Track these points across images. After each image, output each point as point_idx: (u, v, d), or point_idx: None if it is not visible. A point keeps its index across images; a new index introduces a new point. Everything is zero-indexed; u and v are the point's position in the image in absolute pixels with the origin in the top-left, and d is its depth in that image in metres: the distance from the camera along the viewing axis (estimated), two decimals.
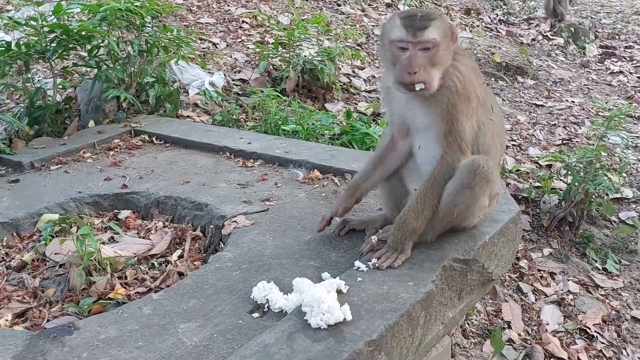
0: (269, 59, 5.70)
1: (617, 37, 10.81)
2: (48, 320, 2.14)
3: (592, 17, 12.04)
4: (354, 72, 6.46)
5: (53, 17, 3.91)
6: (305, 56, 5.67)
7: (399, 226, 2.24)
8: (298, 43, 5.71)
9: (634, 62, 9.28)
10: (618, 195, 4.70)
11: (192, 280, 2.23)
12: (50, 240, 2.63)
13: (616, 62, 9.28)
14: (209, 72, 5.29)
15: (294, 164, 3.31)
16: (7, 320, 2.12)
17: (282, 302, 2.01)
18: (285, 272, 2.26)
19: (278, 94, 4.78)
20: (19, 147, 3.71)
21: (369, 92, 6.13)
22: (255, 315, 2.00)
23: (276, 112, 4.31)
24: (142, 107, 4.27)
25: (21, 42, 3.86)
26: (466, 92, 2.19)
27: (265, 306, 2.03)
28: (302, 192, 3.01)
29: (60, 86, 4.42)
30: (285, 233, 2.58)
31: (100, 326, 1.94)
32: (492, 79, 7.44)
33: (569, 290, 3.69)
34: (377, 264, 2.18)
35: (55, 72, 4.26)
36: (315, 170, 3.22)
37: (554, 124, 6.36)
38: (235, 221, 2.66)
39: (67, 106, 4.27)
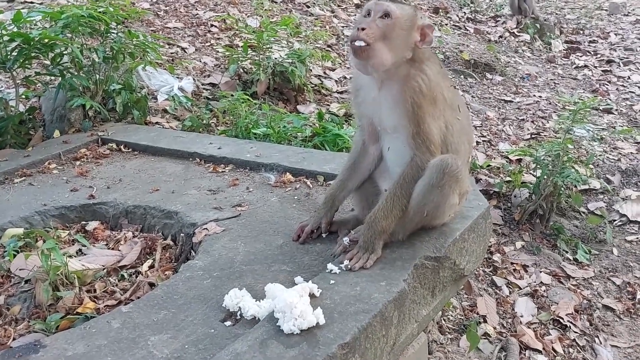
0: (239, 63, 5.67)
1: (581, 32, 11.03)
2: (14, 339, 2.07)
3: (556, 13, 12.26)
4: (325, 73, 6.46)
5: (13, 25, 3.81)
6: (275, 58, 5.65)
7: (368, 226, 2.25)
8: (268, 45, 5.68)
9: (598, 56, 9.47)
10: (586, 187, 4.79)
11: (163, 291, 2.19)
12: (15, 255, 2.56)
13: (581, 56, 9.46)
14: (177, 77, 5.23)
15: (266, 168, 3.29)
16: None
17: (254, 309, 1.99)
18: (258, 278, 2.23)
19: (248, 97, 4.75)
20: None
21: (341, 93, 6.14)
22: (228, 323, 1.97)
23: (246, 115, 4.28)
24: (109, 115, 4.20)
25: None
26: (432, 93, 2.22)
27: (238, 314, 2.01)
28: (274, 196, 2.99)
29: (23, 96, 4.32)
30: (257, 238, 2.56)
31: (68, 343, 1.90)
32: (462, 76, 7.52)
33: (541, 282, 3.74)
34: (349, 266, 2.18)
35: (18, 81, 4.16)
36: (287, 173, 3.21)
37: (523, 119, 6.44)
38: (206, 228, 2.63)
39: (30, 116, 4.17)
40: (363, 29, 2.14)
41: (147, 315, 2.03)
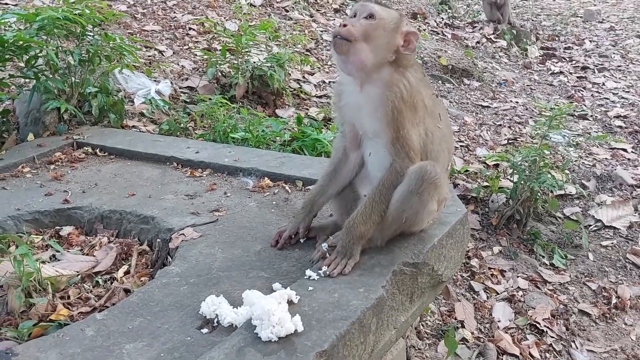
0: (217, 66, 5.64)
1: (557, 38, 11.21)
2: None
3: (532, 20, 12.43)
4: (304, 77, 6.45)
5: None
6: (254, 62, 5.62)
7: (347, 231, 2.24)
8: (246, 49, 5.66)
9: (573, 62, 9.63)
10: (562, 192, 4.85)
11: (138, 298, 2.16)
12: None
13: (557, 62, 9.61)
14: (155, 81, 5.17)
15: (244, 173, 3.27)
16: None
17: (231, 316, 1.97)
18: (235, 284, 2.21)
19: (226, 101, 4.72)
20: None
21: (320, 97, 6.14)
22: (204, 331, 1.95)
23: (225, 119, 4.25)
24: (85, 119, 4.14)
25: None
26: (412, 100, 2.23)
27: (215, 321, 1.99)
28: (252, 201, 2.97)
29: None
30: (235, 244, 2.54)
31: (40, 351, 1.86)
32: (439, 81, 7.58)
33: (518, 287, 3.78)
34: (327, 272, 2.17)
35: None
36: (266, 178, 3.19)
37: (500, 124, 6.52)
38: (182, 234, 2.60)
39: (4, 119, 4.10)
40: (345, 26, 2.16)
41: (122, 322, 2.00)
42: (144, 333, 1.94)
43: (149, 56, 5.80)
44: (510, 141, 6.00)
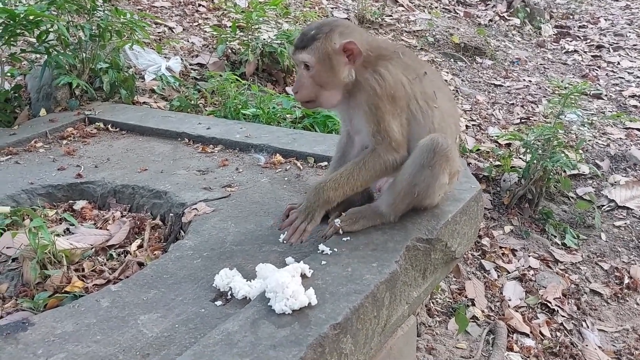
0: (227, 43, 5.60)
1: (571, 16, 11.02)
2: (1, 317, 2.04)
3: None
4: None
5: None
6: (264, 39, 5.58)
7: (315, 192, 2.26)
8: (256, 26, 5.61)
9: (588, 41, 9.48)
10: (575, 172, 4.81)
11: (152, 270, 2.16)
12: (1, 233, 2.52)
13: (571, 41, 9.47)
14: (165, 57, 5.15)
15: (255, 149, 3.26)
16: None
17: (245, 289, 1.97)
18: (248, 258, 2.22)
19: (237, 77, 4.69)
20: None
21: None
22: (218, 303, 1.95)
23: (235, 96, 4.23)
24: (96, 94, 4.13)
25: None
26: (389, 92, 2.22)
27: (228, 294, 1.99)
28: (264, 177, 2.97)
29: (9, 74, 4.22)
30: (248, 219, 2.54)
31: (56, 321, 1.87)
32: (451, 59, 7.49)
33: (529, 266, 3.77)
34: (286, 239, 2.25)
35: (3, 59, 4.07)
36: (277, 154, 3.18)
37: (512, 103, 6.45)
38: (195, 209, 2.60)
39: (16, 94, 4.09)
40: (296, 92, 2.25)
41: (137, 294, 2.01)
42: (158, 305, 1.95)
43: (159, 32, 5.77)
44: (523, 120, 5.94)
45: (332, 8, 7.82)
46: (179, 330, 1.82)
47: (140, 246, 2.51)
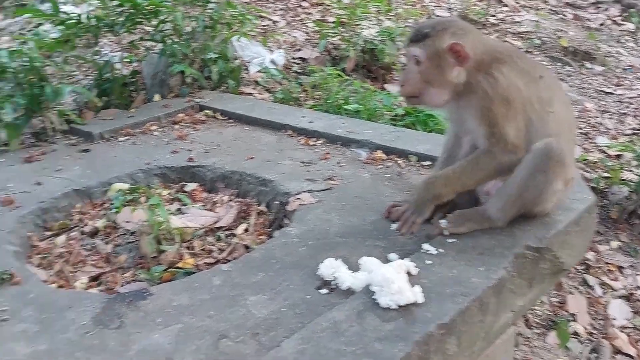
0: (329, 38, 5.66)
1: None
2: (121, 285, 2.19)
3: None
4: None
5: None
6: (365, 36, 5.60)
7: (425, 187, 2.30)
8: (358, 22, 5.64)
9: None
10: None
11: (260, 254, 2.24)
12: (121, 208, 2.69)
13: None
14: (269, 50, 5.29)
15: (357, 144, 3.28)
16: (83, 282, 2.20)
17: (350, 280, 2.00)
18: (352, 250, 2.24)
19: (339, 73, 4.73)
20: (88, 117, 3.80)
21: None
22: (323, 291, 1.99)
23: (338, 91, 4.27)
24: (205, 83, 4.32)
25: (90, 16, 3.95)
26: (502, 95, 2.16)
27: (333, 283, 2.02)
28: (366, 172, 2.98)
29: (127, 60, 4.50)
30: (351, 212, 2.56)
31: (173, 293, 1.98)
32: (559, 63, 7.16)
33: (637, 286, 3.54)
34: (398, 228, 2.31)
35: (123, 45, 4.35)
36: (379, 151, 3.18)
37: (624, 113, 6.07)
38: (299, 198, 2.66)
39: (133, 79, 4.35)
40: (403, 86, 2.26)
41: (246, 275, 2.09)
42: (266, 287, 2.01)
43: (264, 26, 5.93)
44: (635, 131, 5.58)
45: (435, 6, 7.70)
46: (286, 314, 1.87)
47: (246, 230, 2.60)
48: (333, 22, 5.84)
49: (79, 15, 3.92)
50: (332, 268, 2.05)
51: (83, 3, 4.62)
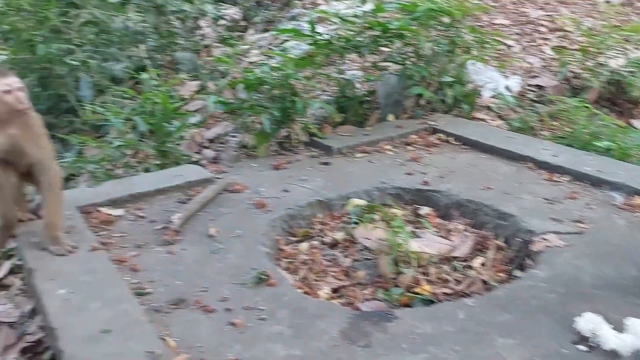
0: (569, 66, 5.26)
1: None
2: (361, 302, 2.25)
3: None
4: None
5: (372, 14, 4.15)
6: (611, 66, 5.09)
7: None
8: (602, 51, 5.15)
9: None
10: None
11: (504, 293, 2.14)
12: (358, 223, 2.79)
13: None
14: (504, 75, 5.09)
15: (610, 186, 2.97)
16: (326, 293, 2.31)
17: (614, 341, 1.79)
18: (611, 307, 2.02)
19: (587, 105, 4.36)
20: (327, 132, 4.02)
21: None
22: (582, 348, 1.82)
23: (586, 124, 3.93)
24: (439, 106, 4.30)
25: (339, 37, 4.19)
26: None
27: (592, 341, 1.83)
28: (621, 218, 2.69)
29: (364, 79, 4.69)
30: (605, 261, 2.32)
31: (416, 320, 1.97)
32: None
33: None
34: None
35: (360, 64, 4.53)
36: (636, 196, 2.84)
37: None
38: (545, 239, 2.48)
39: (368, 98, 4.52)
40: None
41: (491, 314, 2.00)
42: (514, 330, 1.90)
43: (498, 50, 5.74)
44: None
45: None
46: None
47: (482, 264, 2.50)
48: (574, 49, 5.43)
49: (330, 36, 4.19)
50: (591, 323, 1.87)
51: (331, 24, 4.95)
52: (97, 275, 2.24)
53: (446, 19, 4.22)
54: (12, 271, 3.91)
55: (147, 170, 3.92)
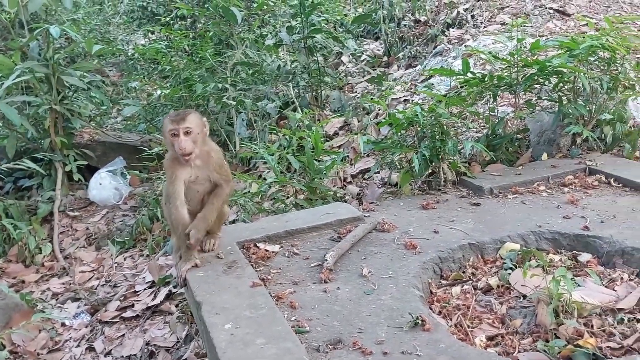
0: None
1: None
2: (519, 352, 2.22)
3: None
4: None
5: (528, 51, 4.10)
6: None
7: None
8: None
9: None
10: None
11: None
12: (513, 269, 2.75)
13: None
14: None
15: None
16: (481, 340, 2.30)
17: None
18: None
19: None
20: (476, 171, 4.02)
21: None
22: None
23: None
24: (595, 145, 4.10)
25: (493, 75, 4.18)
26: None
27: None
28: None
29: (517, 116, 4.60)
30: None
31: None
32: None
33: None
34: None
35: (510, 101, 4.46)
36: None
37: None
38: None
39: (519, 136, 4.43)
40: None
41: None
42: None
43: None
44: None
45: None
46: None
47: None
48: None
49: (483, 75, 4.19)
50: None
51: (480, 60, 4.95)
52: (259, 311, 2.40)
53: (607, 55, 4.04)
54: (167, 296, 4.35)
55: (296, 205, 4.17)
